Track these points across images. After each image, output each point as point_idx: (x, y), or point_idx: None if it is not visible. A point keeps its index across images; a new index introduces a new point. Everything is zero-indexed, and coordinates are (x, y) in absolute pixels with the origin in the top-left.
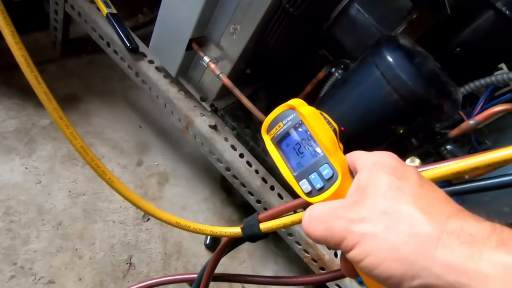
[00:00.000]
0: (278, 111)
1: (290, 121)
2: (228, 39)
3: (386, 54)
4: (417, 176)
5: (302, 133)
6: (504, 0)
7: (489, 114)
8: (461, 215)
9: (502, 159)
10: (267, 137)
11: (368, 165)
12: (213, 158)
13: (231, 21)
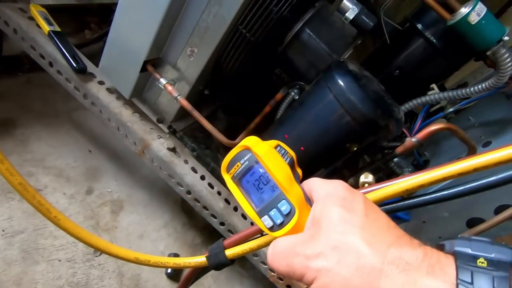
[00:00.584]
0: (235, 152)
1: (247, 161)
2: (186, 61)
3: (338, 79)
4: (363, 206)
5: (259, 171)
6: (432, 31)
7: (428, 132)
8: (400, 243)
9: (442, 177)
10: (227, 176)
11: (321, 196)
12: (173, 182)
13: (188, 43)
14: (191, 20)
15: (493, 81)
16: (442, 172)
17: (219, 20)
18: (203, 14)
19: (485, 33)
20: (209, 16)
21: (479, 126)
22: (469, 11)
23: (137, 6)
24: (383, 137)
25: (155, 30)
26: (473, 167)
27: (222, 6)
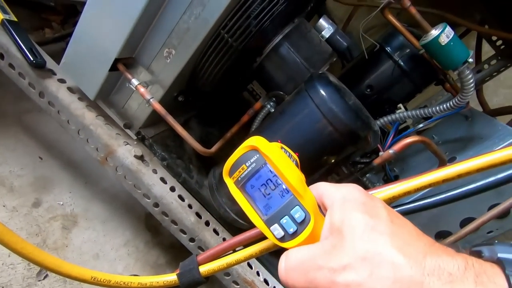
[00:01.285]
0: (240, 152)
1: (254, 163)
2: (161, 63)
3: (320, 89)
4: (386, 211)
5: (267, 174)
6: (399, 54)
7: (404, 144)
8: (435, 251)
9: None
10: (229, 180)
11: (337, 201)
12: (139, 194)
13: (166, 44)
14: (170, 20)
15: (456, 101)
16: (442, 173)
17: (201, 22)
18: (184, 14)
19: (453, 54)
20: (190, 17)
21: (443, 143)
22: (439, 33)
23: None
24: (362, 149)
25: (130, 27)
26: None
27: (205, 8)
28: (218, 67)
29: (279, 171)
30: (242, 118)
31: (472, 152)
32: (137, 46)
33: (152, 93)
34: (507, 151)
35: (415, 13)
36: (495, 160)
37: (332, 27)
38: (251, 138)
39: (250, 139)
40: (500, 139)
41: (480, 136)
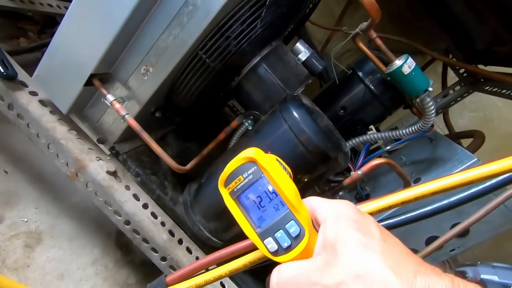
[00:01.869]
0: (237, 163)
1: (251, 175)
2: (138, 79)
3: (293, 111)
4: (378, 229)
5: (263, 186)
6: (370, 78)
7: (372, 166)
8: (425, 271)
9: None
10: (224, 190)
11: (330, 218)
12: (110, 210)
13: (143, 61)
14: (149, 38)
15: (420, 125)
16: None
17: (180, 42)
18: (163, 34)
19: (415, 83)
20: (169, 37)
21: (410, 164)
22: (402, 63)
23: (91, 14)
24: (332, 169)
25: (108, 44)
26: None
27: (184, 29)
28: (196, 86)
29: (276, 184)
30: (219, 135)
31: (434, 173)
32: (115, 62)
33: (128, 109)
34: (459, 175)
35: (380, 44)
36: (448, 184)
37: (308, 51)
38: (248, 149)
39: (247, 150)
40: (459, 161)
41: (442, 158)
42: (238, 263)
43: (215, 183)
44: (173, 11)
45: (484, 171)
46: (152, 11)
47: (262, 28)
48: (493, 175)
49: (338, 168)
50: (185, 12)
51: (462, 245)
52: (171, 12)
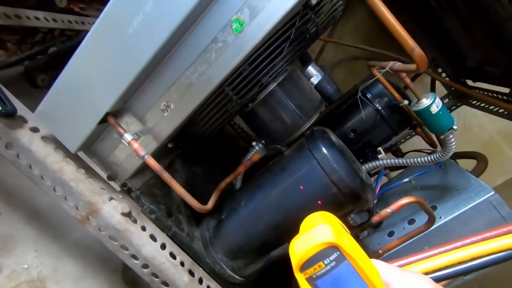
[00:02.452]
0: (317, 249)
1: (334, 261)
2: (157, 115)
3: (324, 150)
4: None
5: (345, 271)
6: (379, 101)
7: (400, 205)
8: None
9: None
10: (301, 276)
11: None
12: (126, 254)
13: (164, 97)
14: (171, 74)
15: (438, 156)
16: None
17: (206, 80)
18: (187, 70)
19: (441, 122)
20: (193, 74)
21: (421, 189)
22: (431, 103)
23: (108, 51)
24: (361, 207)
25: (128, 83)
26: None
27: (211, 66)
28: (220, 120)
29: (363, 273)
30: (238, 169)
31: (451, 203)
32: (131, 97)
33: (144, 146)
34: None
35: (409, 82)
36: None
37: (320, 74)
38: (322, 227)
39: (321, 228)
40: (475, 193)
41: (456, 187)
42: None
43: (236, 219)
44: (200, 47)
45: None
46: (177, 46)
47: (288, 59)
48: None
49: (366, 206)
50: (214, 48)
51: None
52: (197, 48)
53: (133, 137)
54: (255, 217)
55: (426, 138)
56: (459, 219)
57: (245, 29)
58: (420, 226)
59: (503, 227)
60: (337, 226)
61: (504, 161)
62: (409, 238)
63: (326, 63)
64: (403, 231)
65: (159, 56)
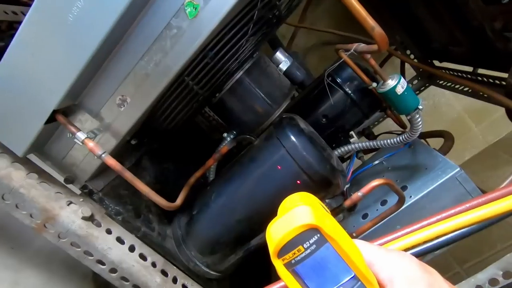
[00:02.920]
0: (295, 232)
1: (314, 245)
2: (113, 111)
3: (293, 138)
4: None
5: (326, 254)
6: (349, 85)
7: (371, 187)
8: None
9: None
10: (279, 262)
11: (401, 282)
12: (90, 261)
13: (119, 91)
14: (124, 65)
15: (407, 137)
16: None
17: (163, 69)
18: (141, 60)
19: (407, 102)
20: (149, 64)
21: (392, 170)
22: (396, 84)
23: (50, 40)
24: (333, 193)
25: (74, 77)
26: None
27: (167, 55)
28: (183, 113)
29: (345, 254)
30: (208, 162)
31: (420, 182)
32: (81, 92)
33: (102, 144)
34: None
35: (374, 64)
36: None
37: (288, 60)
38: (302, 209)
39: (300, 209)
40: (442, 171)
41: (424, 166)
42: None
43: (208, 214)
44: (153, 35)
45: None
46: (127, 34)
47: (252, 44)
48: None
49: (338, 191)
50: (168, 36)
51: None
52: (150, 36)
53: (88, 135)
54: (227, 211)
55: (396, 119)
56: (428, 197)
57: (200, 14)
58: (391, 207)
59: (466, 203)
60: (317, 206)
61: (471, 137)
62: (382, 219)
63: (299, 49)
64: (376, 212)
65: (108, 46)
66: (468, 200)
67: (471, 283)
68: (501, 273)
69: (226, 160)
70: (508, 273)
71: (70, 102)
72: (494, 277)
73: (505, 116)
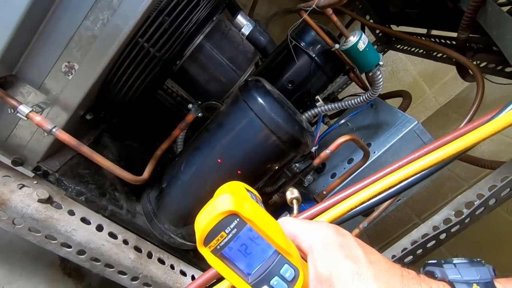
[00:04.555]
0: (216, 220)
1: (235, 229)
2: (60, 80)
3: (260, 100)
4: (362, 250)
5: (248, 234)
6: (313, 49)
7: (339, 144)
8: (408, 282)
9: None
10: (206, 250)
11: (317, 247)
12: (54, 245)
13: (63, 57)
14: (66, 25)
15: (369, 95)
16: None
17: (112, 30)
18: (85, 19)
19: (368, 58)
20: (95, 23)
21: (357, 130)
22: (357, 40)
23: None
24: (302, 152)
25: (5, 42)
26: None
27: (115, 13)
28: (140, 80)
29: (263, 232)
30: (173, 132)
31: (383, 138)
32: (18, 60)
33: (51, 119)
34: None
35: (336, 20)
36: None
37: (250, 24)
38: (222, 197)
39: (220, 198)
40: (402, 125)
41: (386, 122)
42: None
43: (179, 186)
44: None
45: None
46: None
47: (210, 3)
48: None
49: (307, 150)
50: None
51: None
52: None
53: (34, 109)
54: (198, 181)
55: (359, 82)
56: (390, 151)
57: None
58: (357, 163)
59: (418, 151)
60: (240, 193)
61: (426, 100)
62: (349, 176)
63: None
64: (344, 170)
65: (43, 2)
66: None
67: (429, 225)
68: (453, 213)
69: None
70: (459, 212)
71: (5, 72)
72: (447, 217)
73: (454, 78)
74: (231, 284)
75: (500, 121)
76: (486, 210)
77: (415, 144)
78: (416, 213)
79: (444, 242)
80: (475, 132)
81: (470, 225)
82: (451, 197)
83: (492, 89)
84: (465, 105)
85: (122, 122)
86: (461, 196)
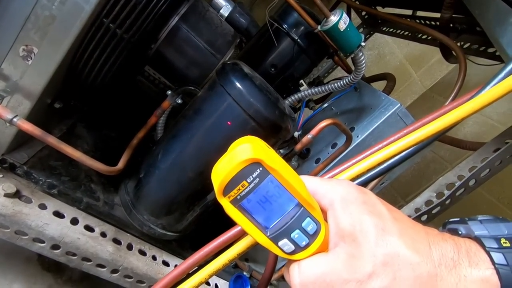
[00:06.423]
0: (238, 168)
1: (257, 178)
2: (19, 65)
3: (237, 84)
4: (385, 208)
5: (270, 185)
6: (296, 31)
7: (320, 128)
8: (434, 240)
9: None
10: (225, 200)
11: (338, 204)
12: (26, 240)
13: (19, 40)
14: (19, 5)
15: (352, 78)
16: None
17: (72, 8)
18: None
19: (350, 39)
20: (52, 2)
21: (341, 114)
22: (338, 20)
23: None
24: (283, 138)
25: None
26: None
27: None
28: (109, 64)
29: (287, 183)
30: (150, 120)
31: (366, 122)
32: None
33: (12, 108)
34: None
35: None
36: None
37: (230, 5)
38: (243, 145)
39: (241, 145)
40: (385, 108)
41: (369, 106)
42: (223, 259)
43: (157, 176)
44: None
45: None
46: None
47: None
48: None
49: (288, 136)
50: None
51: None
52: None
53: None
54: (176, 169)
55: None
56: (373, 134)
57: None
58: (340, 147)
59: (398, 132)
60: (259, 144)
61: (412, 83)
62: (332, 160)
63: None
64: (328, 155)
65: None
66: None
67: (411, 207)
68: (435, 195)
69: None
70: (440, 193)
71: None
72: (429, 199)
73: (439, 61)
74: (210, 271)
75: (477, 100)
76: (466, 191)
77: (398, 127)
78: (402, 195)
79: (425, 224)
80: (454, 111)
81: (450, 206)
82: (435, 179)
83: (476, 71)
84: (450, 88)
85: (98, 111)
86: (443, 178)
